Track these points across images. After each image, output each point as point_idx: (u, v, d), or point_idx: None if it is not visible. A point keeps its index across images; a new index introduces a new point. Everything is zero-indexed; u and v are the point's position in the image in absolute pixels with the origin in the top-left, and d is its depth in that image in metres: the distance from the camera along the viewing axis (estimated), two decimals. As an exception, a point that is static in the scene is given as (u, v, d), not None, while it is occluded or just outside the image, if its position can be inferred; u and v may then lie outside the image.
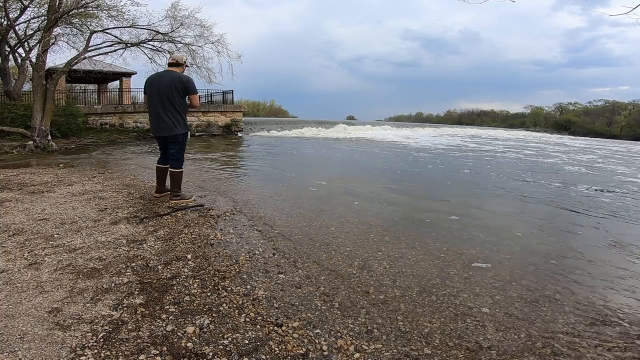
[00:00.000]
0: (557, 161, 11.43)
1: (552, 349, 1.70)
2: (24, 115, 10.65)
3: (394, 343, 1.69)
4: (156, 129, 3.85)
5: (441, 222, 3.77)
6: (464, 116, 76.26)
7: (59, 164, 6.81)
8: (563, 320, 1.96)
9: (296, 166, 8.03)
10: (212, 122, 17.13)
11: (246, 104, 38.38)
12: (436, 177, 7.19)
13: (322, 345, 1.63)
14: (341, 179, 6.34)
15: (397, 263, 2.61)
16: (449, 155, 11.77)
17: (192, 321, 1.73)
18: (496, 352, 1.65)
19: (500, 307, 2.07)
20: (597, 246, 3.27)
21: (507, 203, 5.00)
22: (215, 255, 2.55)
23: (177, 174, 3.90)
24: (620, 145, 27.47)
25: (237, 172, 6.68)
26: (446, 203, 4.79)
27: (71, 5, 9.43)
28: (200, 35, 11.89)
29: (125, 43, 11.09)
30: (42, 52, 9.69)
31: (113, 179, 5.16)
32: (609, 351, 1.70)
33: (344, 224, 3.47)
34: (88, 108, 15.25)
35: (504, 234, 3.45)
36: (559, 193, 5.85)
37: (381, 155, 11.02)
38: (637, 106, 55.28)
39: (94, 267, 2.24)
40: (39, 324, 1.63)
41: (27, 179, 4.89)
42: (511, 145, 18.39)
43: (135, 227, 3.03)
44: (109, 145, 11.64)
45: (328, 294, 2.11)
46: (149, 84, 3.81)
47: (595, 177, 8.14)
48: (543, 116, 64.90)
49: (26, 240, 2.62)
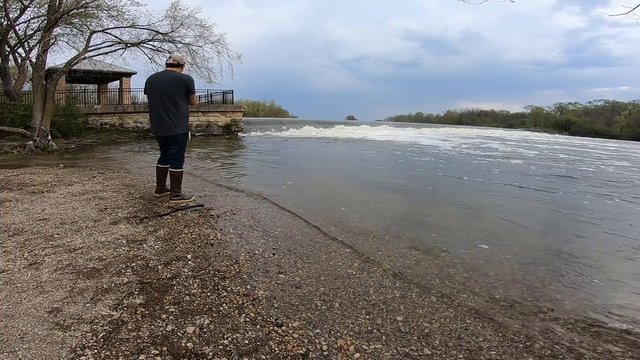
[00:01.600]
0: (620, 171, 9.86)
1: (551, 349, 1.70)
2: (24, 115, 10.64)
3: (394, 343, 1.69)
4: (156, 128, 3.85)
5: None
6: (464, 116, 76.25)
7: (59, 164, 6.81)
8: (563, 320, 1.96)
9: (296, 166, 8.03)
10: (212, 122, 17.13)
11: (246, 104, 38.36)
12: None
13: (322, 345, 1.64)
14: (341, 179, 6.34)
15: (397, 263, 2.61)
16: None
17: (192, 321, 1.73)
18: (496, 353, 1.65)
19: (500, 307, 2.07)
20: (598, 246, 3.27)
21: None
22: (215, 255, 2.55)
23: (177, 174, 3.90)
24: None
25: (237, 172, 6.68)
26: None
27: (71, 5, 9.43)
28: (200, 35, 11.90)
29: (125, 43, 11.08)
30: (42, 52, 9.69)
31: (113, 179, 5.16)
32: (609, 352, 1.70)
33: (344, 224, 3.47)
34: (88, 108, 15.25)
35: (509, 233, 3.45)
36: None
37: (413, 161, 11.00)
38: (637, 106, 55.29)
39: (94, 267, 2.24)
40: (39, 324, 1.63)
41: (27, 179, 4.89)
42: (553, 150, 16.69)
43: (135, 227, 3.03)
44: (109, 145, 11.64)
45: (328, 294, 2.11)
46: (150, 84, 3.81)
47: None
48: (543, 116, 64.91)
49: (26, 240, 2.62)
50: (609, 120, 55.65)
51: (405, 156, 11.06)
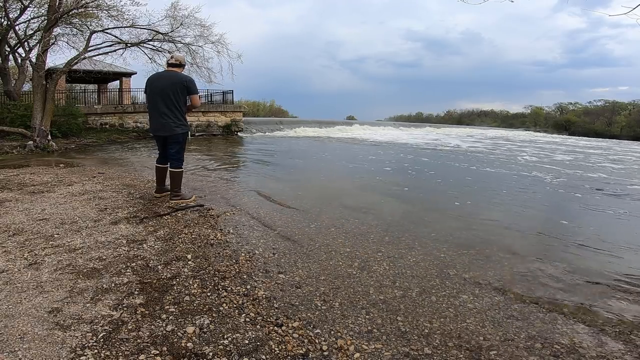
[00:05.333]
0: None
1: (551, 349, 1.70)
2: (24, 115, 10.64)
3: (394, 343, 1.69)
4: (156, 128, 3.85)
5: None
6: (464, 116, 76.21)
7: (59, 164, 6.81)
8: (563, 320, 1.96)
9: (295, 166, 8.02)
10: (212, 122, 17.13)
11: (246, 104, 38.38)
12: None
13: (322, 345, 1.64)
14: (341, 180, 6.34)
15: (397, 263, 2.61)
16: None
17: (192, 321, 1.73)
18: (496, 353, 1.65)
19: (500, 307, 2.07)
20: (598, 246, 3.27)
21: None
22: (215, 255, 2.55)
23: (177, 173, 3.90)
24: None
25: (237, 172, 6.68)
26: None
27: (71, 5, 9.43)
28: (200, 35, 11.90)
29: (125, 43, 11.08)
30: (42, 52, 9.69)
31: (113, 179, 5.16)
32: (609, 352, 1.70)
33: (344, 225, 3.46)
34: (88, 108, 15.24)
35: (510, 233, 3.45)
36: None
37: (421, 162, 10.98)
38: (637, 106, 55.26)
39: (94, 267, 2.24)
40: (39, 324, 1.63)
41: (27, 179, 4.89)
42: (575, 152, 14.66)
43: (135, 227, 3.03)
44: (109, 145, 11.64)
45: (328, 294, 2.11)
46: (150, 84, 3.81)
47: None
48: (543, 116, 64.88)
49: (26, 240, 2.62)
50: (609, 120, 55.63)
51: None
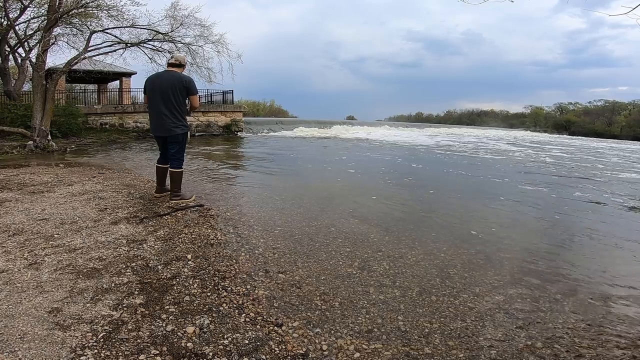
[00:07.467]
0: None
1: (551, 349, 1.70)
2: (24, 115, 10.64)
3: (394, 343, 1.69)
4: (156, 128, 3.85)
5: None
6: (463, 116, 76.17)
7: (58, 164, 6.81)
8: (563, 320, 1.96)
9: (295, 166, 8.02)
10: (212, 122, 17.13)
11: (246, 104, 38.37)
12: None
13: (322, 345, 1.64)
14: (341, 180, 6.34)
15: (397, 263, 2.61)
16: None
17: (192, 321, 1.73)
18: (496, 352, 1.65)
19: (500, 307, 2.07)
20: (598, 246, 3.27)
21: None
22: (215, 255, 2.55)
23: (177, 173, 3.90)
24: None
25: (237, 172, 6.67)
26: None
27: (71, 5, 9.43)
28: (200, 35, 11.88)
29: (125, 43, 11.08)
30: (42, 52, 9.68)
31: (113, 179, 5.16)
32: (609, 352, 1.70)
33: (344, 224, 3.47)
34: (88, 108, 15.25)
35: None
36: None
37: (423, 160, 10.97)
38: (637, 106, 55.27)
39: (94, 267, 2.24)
40: (39, 324, 1.63)
41: (27, 179, 4.89)
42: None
43: (135, 227, 3.03)
44: (109, 145, 11.63)
45: (328, 293, 2.11)
46: (150, 84, 3.81)
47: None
48: (543, 116, 64.86)
49: (26, 240, 2.62)
50: (609, 120, 55.63)
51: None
